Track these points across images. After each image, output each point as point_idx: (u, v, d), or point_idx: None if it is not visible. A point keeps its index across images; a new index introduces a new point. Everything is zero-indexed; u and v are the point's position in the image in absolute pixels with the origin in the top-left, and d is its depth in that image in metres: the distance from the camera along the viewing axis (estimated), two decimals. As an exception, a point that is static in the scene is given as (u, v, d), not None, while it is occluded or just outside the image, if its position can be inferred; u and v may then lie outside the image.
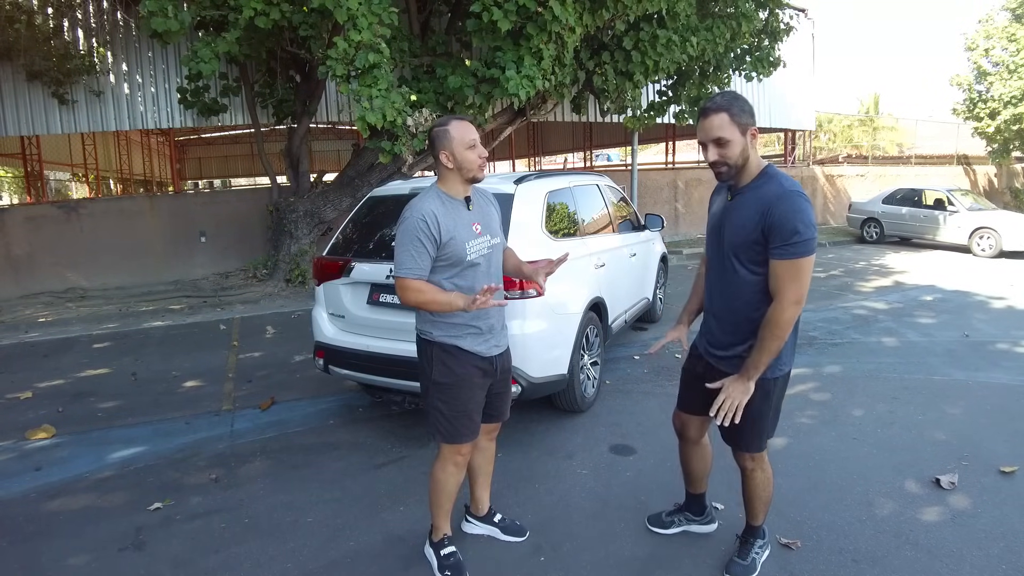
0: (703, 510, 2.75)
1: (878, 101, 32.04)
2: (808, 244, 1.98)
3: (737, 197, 2.14)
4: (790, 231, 1.96)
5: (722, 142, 2.03)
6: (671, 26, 8.28)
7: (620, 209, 5.61)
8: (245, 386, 4.98)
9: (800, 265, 1.98)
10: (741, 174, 2.11)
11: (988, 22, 18.10)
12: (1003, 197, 20.17)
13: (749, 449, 2.30)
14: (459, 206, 2.37)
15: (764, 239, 2.02)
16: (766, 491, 2.41)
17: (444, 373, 2.38)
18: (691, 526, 2.74)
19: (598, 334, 4.38)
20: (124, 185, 20.71)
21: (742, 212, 2.09)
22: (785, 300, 2.01)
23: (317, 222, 9.25)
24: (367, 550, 2.73)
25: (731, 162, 2.05)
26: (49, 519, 3.07)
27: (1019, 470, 3.29)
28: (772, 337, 2.04)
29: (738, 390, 2.10)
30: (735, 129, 2.02)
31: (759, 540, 2.50)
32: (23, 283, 9.22)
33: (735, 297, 2.17)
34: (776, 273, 2.02)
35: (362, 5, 6.42)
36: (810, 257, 1.99)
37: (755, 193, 2.07)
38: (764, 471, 2.37)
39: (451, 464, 2.46)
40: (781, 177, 2.07)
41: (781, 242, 1.98)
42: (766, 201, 2.01)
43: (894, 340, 5.88)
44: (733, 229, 2.11)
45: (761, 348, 2.05)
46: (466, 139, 2.29)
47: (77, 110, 9.15)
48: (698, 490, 2.70)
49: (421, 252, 2.25)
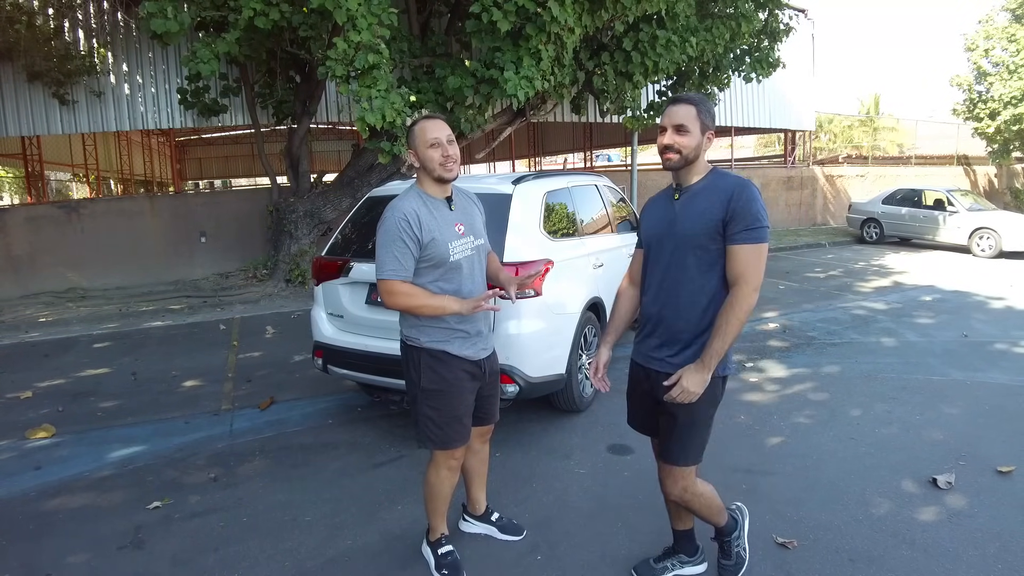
0: (695, 550, 2.52)
1: (878, 101, 32.02)
2: (766, 231, 2.05)
3: (685, 194, 2.17)
4: (753, 216, 2.02)
5: (682, 130, 2.10)
6: (671, 27, 8.28)
7: (619, 209, 5.62)
8: (244, 386, 4.99)
9: (761, 250, 2.04)
10: (689, 172, 2.16)
11: (988, 22, 18.09)
12: (1003, 197, 20.16)
13: (683, 462, 2.18)
14: (441, 206, 2.33)
15: (723, 227, 2.05)
16: (713, 502, 2.32)
17: (433, 380, 2.34)
18: (684, 568, 2.50)
19: (596, 334, 4.38)
20: (125, 185, 20.73)
21: (699, 203, 2.11)
22: (748, 285, 2.02)
23: (317, 222, 9.26)
24: (365, 549, 2.74)
25: (684, 151, 2.11)
26: (49, 518, 3.08)
27: (1016, 470, 3.29)
28: (735, 322, 2.02)
29: (695, 381, 2.04)
30: (697, 124, 2.10)
31: (733, 533, 2.46)
32: (24, 283, 9.23)
33: (687, 294, 2.13)
34: (739, 258, 2.04)
35: (362, 6, 6.43)
36: (767, 244, 2.06)
37: (709, 187, 2.13)
38: (698, 495, 2.26)
39: (444, 469, 2.45)
40: (733, 174, 2.16)
41: (744, 227, 2.02)
42: (727, 190, 2.07)
43: (893, 340, 5.89)
44: (690, 221, 2.11)
45: (722, 335, 2.02)
46: (427, 137, 2.25)
47: (78, 110, 9.17)
48: (686, 525, 2.48)
49: (405, 252, 2.21)
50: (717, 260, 2.09)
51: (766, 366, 5.18)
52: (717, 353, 2.03)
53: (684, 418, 2.15)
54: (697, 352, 2.10)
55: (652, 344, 2.25)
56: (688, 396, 2.05)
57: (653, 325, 2.24)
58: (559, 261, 3.81)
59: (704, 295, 2.11)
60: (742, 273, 2.03)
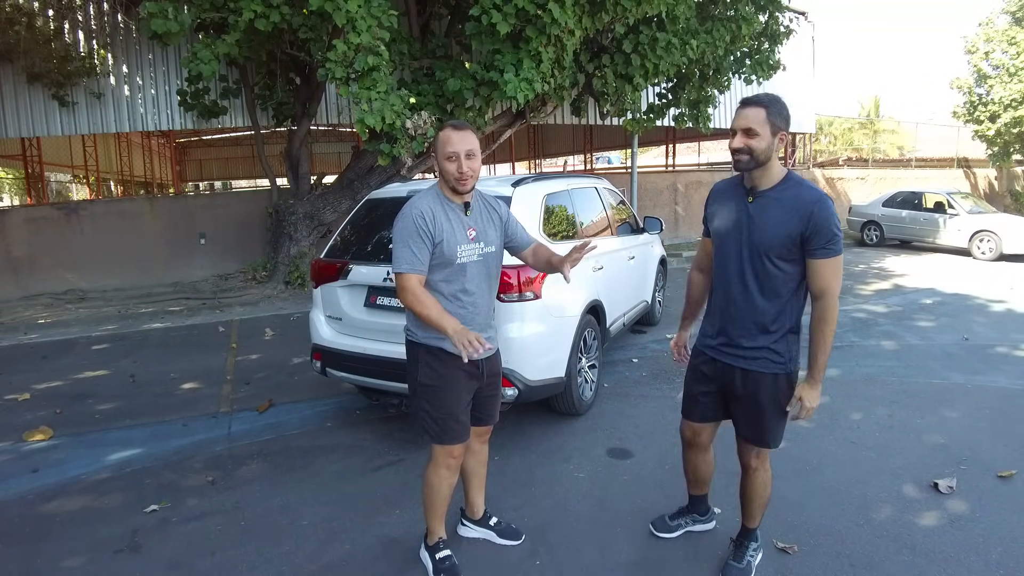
0: (707, 510, 2.81)
1: (878, 104, 32.06)
2: (841, 242, 2.14)
3: (760, 199, 2.20)
4: (832, 232, 2.10)
5: (751, 133, 2.12)
6: (671, 29, 8.28)
7: (619, 212, 5.61)
8: (243, 388, 4.97)
9: (839, 261, 2.15)
10: (762, 175, 2.19)
11: (988, 25, 18.10)
12: (1003, 200, 20.15)
13: (768, 444, 2.35)
14: (457, 209, 2.38)
15: (801, 241, 2.13)
16: (766, 492, 2.45)
17: (429, 375, 2.39)
18: (695, 526, 2.80)
19: (596, 337, 4.37)
20: (124, 187, 20.74)
21: (776, 213, 2.16)
22: (834, 295, 2.14)
23: (317, 224, 9.25)
24: (362, 553, 2.72)
25: (754, 153, 2.13)
26: (46, 521, 3.07)
27: (1017, 474, 3.28)
28: (829, 333, 2.16)
29: (812, 397, 2.21)
30: (767, 126, 2.12)
31: (753, 543, 2.51)
32: (23, 284, 9.23)
33: (761, 293, 2.23)
34: (821, 272, 2.13)
35: (361, 8, 6.43)
36: (843, 254, 2.16)
37: (786, 196, 2.16)
38: (767, 471, 2.44)
39: (443, 467, 2.46)
40: (807, 183, 2.20)
41: (824, 242, 2.10)
42: (806, 206, 2.11)
43: (893, 343, 5.87)
44: (767, 228, 2.17)
45: (823, 349, 2.18)
46: (446, 150, 2.29)
47: (78, 112, 9.16)
48: (702, 492, 2.75)
49: (420, 247, 2.27)
50: (788, 268, 2.18)
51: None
52: (822, 367, 2.20)
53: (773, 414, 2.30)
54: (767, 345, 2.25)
55: (722, 339, 2.36)
56: (808, 413, 2.21)
57: (721, 321, 2.35)
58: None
59: (781, 291, 2.22)
60: (827, 286, 2.14)
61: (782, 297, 2.22)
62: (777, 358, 2.26)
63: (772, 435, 2.34)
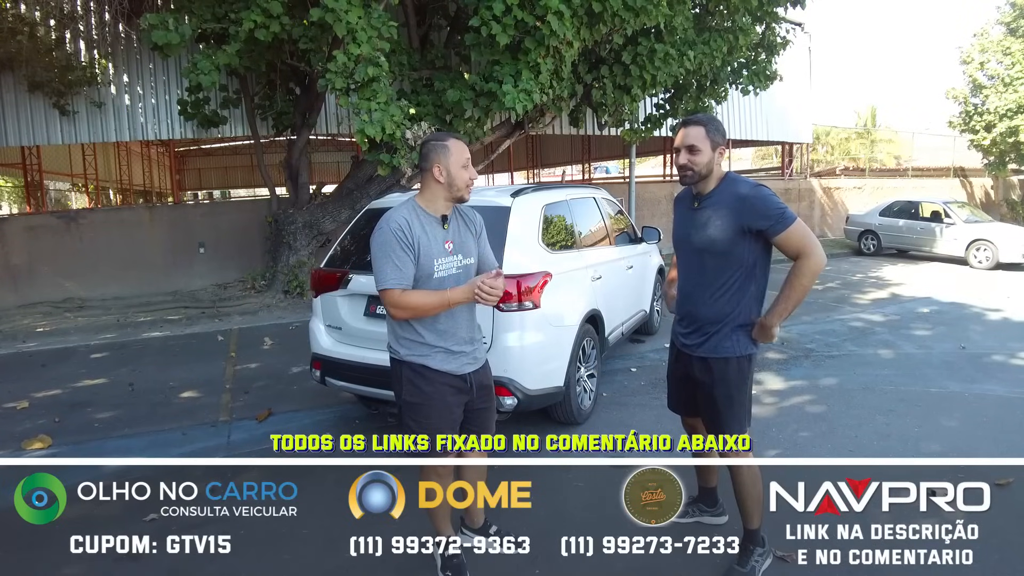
0: (715, 502, 2.89)
1: (875, 114, 32.17)
2: (789, 211, 2.28)
3: (703, 203, 2.40)
4: (773, 209, 2.26)
5: (694, 150, 2.33)
6: (669, 40, 8.35)
7: (617, 221, 5.64)
8: (242, 397, 4.98)
9: (799, 225, 2.26)
10: (706, 182, 2.39)
11: (983, 36, 18.25)
12: (1000, 209, 20.23)
13: (732, 430, 2.47)
14: (434, 222, 2.36)
15: (751, 231, 2.29)
16: (756, 488, 2.48)
17: (413, 393, 2.39)
18: (704, 517, 2.87)
19: (595, 346, 4.39)
20: (124, 195, 20.74)
21: (716, 212, 2.36)
22: (810, 254, 2.25)
23: (316, 233, 9.27)
24: (364, 559, 2.72)
25: (697, 168, 2.35)
26: (44, 530, 3.06)
27: (1015, 482, 3.29)
28: (798, 287, 2.27)
29: (763, 335, 2.38)
30: (707, 143, 2.33)
31: (759, 548, 2.51)
32: (22, 292, 9.22)
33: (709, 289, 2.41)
34: (787, 243, 2.27)
35: (361, 19, 6.48)
36: (799, 219, 2.28)
37: (725, 195, 2.36)
38: (752, 467, 2.50)
39: (433, 477, 2.51)
40: (743, 179, 2.43)
41: (774, 221, 2.26)
42: (736, 200, 2.32)
43: (891, 352, 5.89)
44: (708, 228, 2.35)
45: (784, 298, 2.29)
46: (462, 158, 2.32)
47: (78, 121, 9.19)
48: (710, 484, 2.85)
49: (404, 260, 2.24)
50: (732, 260, 2.33)
51: (764, 378, 5.18)
52: (782, 311, 2.32)
53: (722, 397, 2.46)
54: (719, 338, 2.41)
55: (682, 331, 2.57)
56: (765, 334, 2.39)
57: (682, 315, 2.57)
58: (557, 273, 3.82)
59: (721, 290, 2.38)
60: (800, 249, 2.26)
61: (729, 291, 2.38)
62: (727, 343, 2.42)
63: (726, 419, 2.46)
